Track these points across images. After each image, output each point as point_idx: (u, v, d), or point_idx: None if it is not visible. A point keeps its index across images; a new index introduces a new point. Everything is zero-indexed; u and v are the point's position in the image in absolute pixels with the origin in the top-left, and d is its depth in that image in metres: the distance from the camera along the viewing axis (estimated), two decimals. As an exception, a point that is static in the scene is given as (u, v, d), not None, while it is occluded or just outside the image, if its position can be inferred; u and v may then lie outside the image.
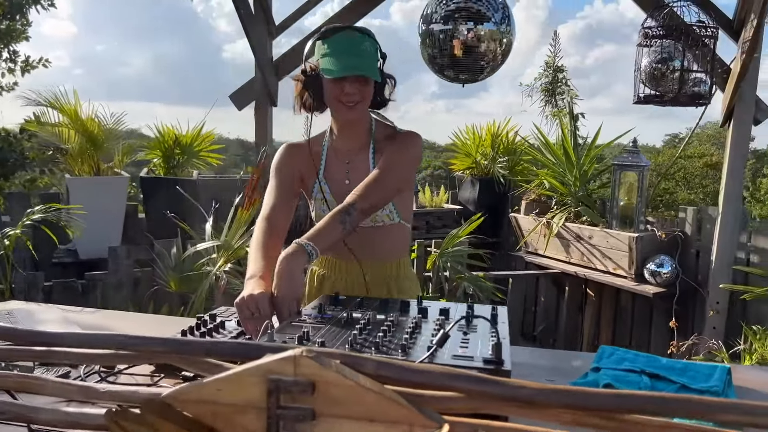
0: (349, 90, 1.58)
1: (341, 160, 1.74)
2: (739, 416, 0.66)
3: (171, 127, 4.06)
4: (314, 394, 0.75)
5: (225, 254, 2.61)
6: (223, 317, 1.55)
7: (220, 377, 0.79)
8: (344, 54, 1.56)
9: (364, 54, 1.58)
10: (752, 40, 2.73)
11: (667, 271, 3.31)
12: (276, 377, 0.75)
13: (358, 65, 1.56)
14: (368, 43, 1.60)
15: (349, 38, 1.58)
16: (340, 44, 1.58)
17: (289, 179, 1.73)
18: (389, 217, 1.77)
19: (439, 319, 1.37)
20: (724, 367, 1.31)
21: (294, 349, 0.79)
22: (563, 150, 3.99)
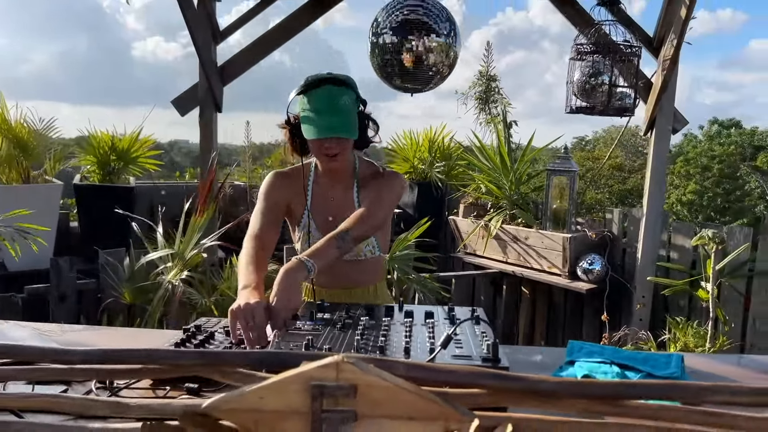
0: (329, 146, 1.71)
1: (326, 196, 1.86)
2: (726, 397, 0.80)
3: (106, 131, 3.93)
4: (356, 397, 0.82)
5: (179, 263, 2.58)
6: (208, 328, 1.57)
7: (262, 386, 0.84)
8: (323, 114, 1.65)
9: (342, 111, 1.67)
10: (672, 58, 3.02)
11: (598, 269, 3.57)
12: (319, 383, 0.82)
13: (337, 126, 1.67)
14: (346, 97, 1.68)
15: (329, 95, 1.66)
16: (319, 102, 1.66)
17: (277, 206, 1.83)
18: (371, 252, 1.91)
19: (428, 321, 1.46)
20: (678, 356, 1.48)
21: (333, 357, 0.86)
22: (499, 155, 4.20)
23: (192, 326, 1.54)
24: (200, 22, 3.39)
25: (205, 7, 3.43)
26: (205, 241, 2.65)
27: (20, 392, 1.05)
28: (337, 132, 1.66)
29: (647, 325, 3.42)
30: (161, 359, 0.96)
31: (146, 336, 1.73)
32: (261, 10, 3.68)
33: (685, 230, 3.51)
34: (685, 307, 3.49)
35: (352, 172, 1.87)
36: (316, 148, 1.73)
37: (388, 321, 1.47)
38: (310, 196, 1.85)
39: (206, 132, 3.61)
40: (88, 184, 3.93)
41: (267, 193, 1.83)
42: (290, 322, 1.44)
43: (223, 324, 1.60)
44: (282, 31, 3.63)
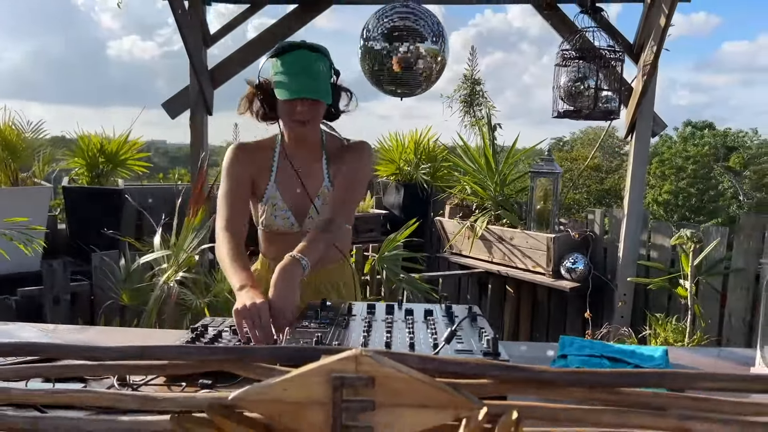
0: (301, 109, 1.67)
1: (294, 167, 1.81)
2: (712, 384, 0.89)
3: (95, 133, 3.94)
4: (374, 387, 0.90)
5: (175, 263, 2.62)
6: (215, 327, 1.62)
7: (285, 378, 0.91)
8: (297, 75, 1.64)
9: (316, 75, 1.66)
10: (651, 64, 3.13)
11: (581, 268, 3.68)
12: (339, 375, 0.89)
13: (311, 88, 1.65)
14: (321, 63, 1.68)
15: (303, 58, 1.66)
16: (294, 64, 1.65)
17: (242, 182, 1.77)
18: None
19: (428, 319, 1.54)
20: (663, 349, 1.58)
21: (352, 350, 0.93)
22: (484, 157, 4.30)
23: (200, 326, 1.60)
24: (191, 26, 3.43)
25: (195, 11, 3.47)
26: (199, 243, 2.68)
27: (49, 388, 1.10)
28: (311, 93, 1.64)
29: (628, 322, 3.54)
30: (193, 355, 1.02)
31: (154, 336, 1.78)
32: (250, 15, 3.73)
33: (664, 229, 3.63)
34: (665, 303, 3.62)
35: (319, 144, 1.84)
36: (287, 112, 1.69)
37: (391, 318, 1.54)
38: (275, 168, 1.80)
39: (197, 134, 3.64)
40: (77, 186, 3.94)
41: (230, 169, 1.77)
42: (293, 320, 1.50)
43: (229, 323, 1.66)
44: (271, 36, 3.68)
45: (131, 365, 1.06)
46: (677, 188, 26.98)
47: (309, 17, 3.66)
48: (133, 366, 1.08)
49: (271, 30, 3.68)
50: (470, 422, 0.88)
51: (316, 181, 1.84)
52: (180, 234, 2.77)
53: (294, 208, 1.82)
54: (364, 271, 3.70)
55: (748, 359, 1.61)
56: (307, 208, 1.83)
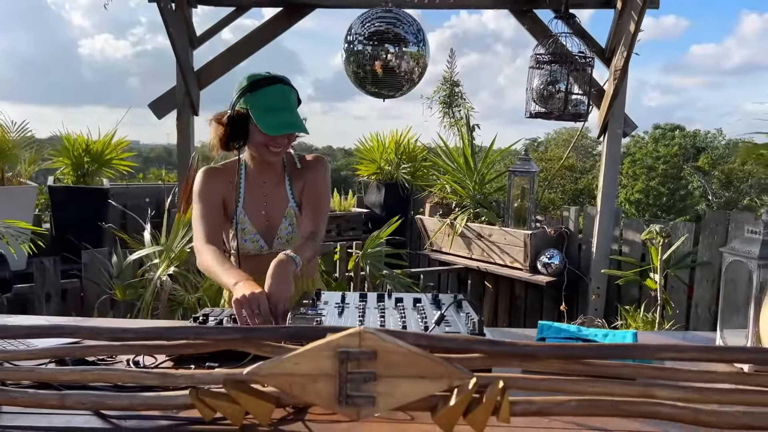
0: (280, 141, 1.79)
1: (259, 191, 1.92)
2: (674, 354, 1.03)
3: (81, 133, 3.97)
4: (376, 361, 1.02)
5: (167, 258, 2.70)
6: (216, 316, 1.71)
7: (296, 353, 1.03)
8: (281, 111, 1.74)
9: (294, 109, 1.78)
10: (622, 68, 3.30)
11: (557, 263, 3.84)
12: (344, 350, 1.01)
13: (294, 123, 1.76)
14: (293, 95, 1.80)
15: (280, 93, 1.76)
16: (273, 99, 1.75)
17: (215, 205, 1.86)
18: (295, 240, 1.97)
19: (417, 305, 1.65)
20: (633, 333, 1.72)
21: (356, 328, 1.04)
22: (463, 157, 4.44)
23: (201, 315, 1.69)
24: (179, 27, 3.50)
25: (181, 12, 3.54)
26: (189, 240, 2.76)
27: (75, 367, 1.19)
28: (297, 128, 1.76)
29: (602, 314, 3.70)
30: (207, 335, 1.12)
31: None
32: (235, 18, 3.80)
33: (635, 226, 3.81)
34: (636, 296, 3.80)
35: (281, 166, 1.95)
36: (264, 143, 1.77)
37: (382, 306, 1.65)
38: (242, 192, 1.89)
39: (183, 134, 3.71)
40: (63, 185, 3.97)
41: (202, 192, 1.84)
42: (288, 309, 1.60)
43: (228, 312, 1.76)
44: (256, 38, 3.76)
45: (155, 345, 1.16)
46: (648, 187, 27.56)
47: (293, 20, 3.75)
48: (157, 346, 1.18)
49: (256, 33, 3.76)
50: (461, 391, 1.00)
51: (282, 203, 1.95)
52: (171, 231, 2.84)
53: (262, 230, 1.92)
54: (348, 267, 3.81)
55: (709, 340, 1.76)
56: (274, 230, 1.94)
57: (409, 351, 1.04)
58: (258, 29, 3.76)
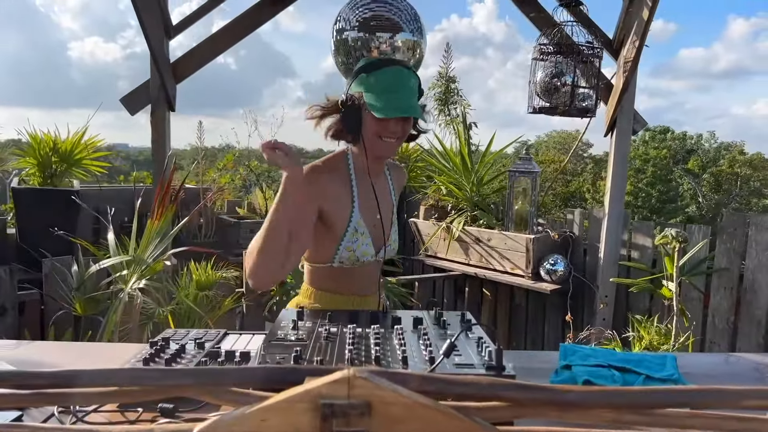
0: (394, 128, 1.56)
1: (370, 191, 1.67)
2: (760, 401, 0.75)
3: (48, 132, 3.67)
4: (370, 416, 0.73)
5: (138, 270, 2.41)
6: (177, 340, 1.44)
7: (264, 406, 0.74)
8: (393, 92, 1.53)
9: (411, 93, 1.56)
10: (633, 59, 3.05)
11: (561, 269, 3.58)
12: (329, 401, 0.72)
13: (408, 107, 1.53)
14: (414, 81, 1.58)
15: (398, 75, 1.55)
16: (388, 81, 1.54)
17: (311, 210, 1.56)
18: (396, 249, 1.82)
19: (419, 328, 1.38)
20: (672, 357, 1.46)
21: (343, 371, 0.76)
22: (460, 157, 4.18)
23: (159, 339, 1.42)
24: (152, 15, 3.21)
25: (157, 0, 3.26)
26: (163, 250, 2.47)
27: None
28: (414, 111, 1.53)
29: (610, 324, 3.45)
30: (145, 380, 0.84)
31: (108, 351, 1.58)
32: (215, 5, 3.53)
33: (645, 230, 3.56)
34: (646, 305, 3.55)
35: (385, 166, 1.78)
36: (378, 131, 1.55)
37: (377, 329, 1.38)
38: (356, 192, 1.64)
39: (158, 131, 3.42)
40: (27, 187, 3.66)
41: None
42: None
43: (193, 335, 1.49)
44: (238, 28, 3.49)
45: (68, 393, 0.88)
46: (637, 189, 27.56)
47: (278, 8, 3.48)
48: (80, 394, 0.89)
49: (238, 21, 3.48)
50: (484, 454, 0.73)
51: (389, 207, 1.75)
52: (141, 238, 2.55)
53: (373, 237, 1.67)
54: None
55: (759, 365, 1.51)
56: (384, 237, 1.71)
57: (413, 401, 0.75)
58: (240, 17, 3.48)
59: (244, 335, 1.55)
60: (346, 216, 1.62)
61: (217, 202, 4.64)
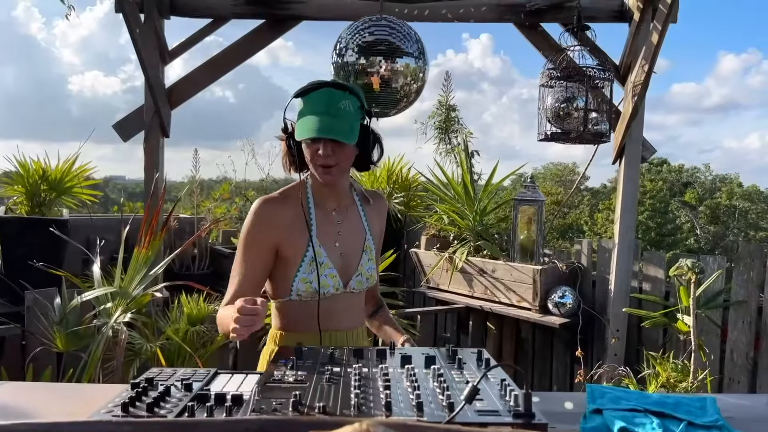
0: (323, 153, 1.46)
1: (331, 219, 1.59)
2: None
3: (37, 159, 3.54)
4: (388, 482, 0.60)
5: (123, 302, 2.25)
6: (162, 381, 1.29)
7: None
8: (319, 114, 1.44)
9: (341, 114, 1.45)
10: (642, 84, 2.96)
11: (570, 302, 3.43)
12: None
13: (331, 127, 1.43)
14: (348, 102, 1.47)
15: (327, 96, 1.46)
16: (316, 103, 1.46)
17: (267, 251, 1.53)
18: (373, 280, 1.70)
19: (432, 368, 1.23)
20: (712, 399, 1.31)
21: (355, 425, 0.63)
22: (463, 186, 4.06)
23: (142, 380, 1.27)
24: (148, 39, 3.12)
25: (153, 23, 3.17)
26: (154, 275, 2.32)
27: None
28: (331, 133, 1.43)
29: (622, 360, 3.28)
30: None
31: (87, 393, 1.42)
32: (212, 30, 3.45)
33: (657, 260, 3.42)
34: (659, 339, 3.39)
35: (350, 192, 1.67)
36: (311, 155, 1.50)
37: (385, 368, 1.23)
38: (314, 220, 1.56)
39: (151, 158, 3.30)
40: (14, 216, 3.52)
41: (254, 233, 1.53)
42: None
43: (180, 375, 1.33)
44: (235, 53, 3.40)
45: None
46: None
47: (276, 34, 3.40)
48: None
49: (235, 47, 3.40)
50: None
51: (358, 235, 1.64)
52: (128, 269, 2.41)
53: (338, 267, 1.57)
54: (337, 308, 3.37)
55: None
56: (352, 266, 1.60)
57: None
58: (237, 43, 3.39)
59: (236, 375, 1.39)
60: (303, 246, 1.53)
61: (213, 232, 4.50)
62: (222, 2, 3.37)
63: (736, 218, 29.83)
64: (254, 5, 3.35)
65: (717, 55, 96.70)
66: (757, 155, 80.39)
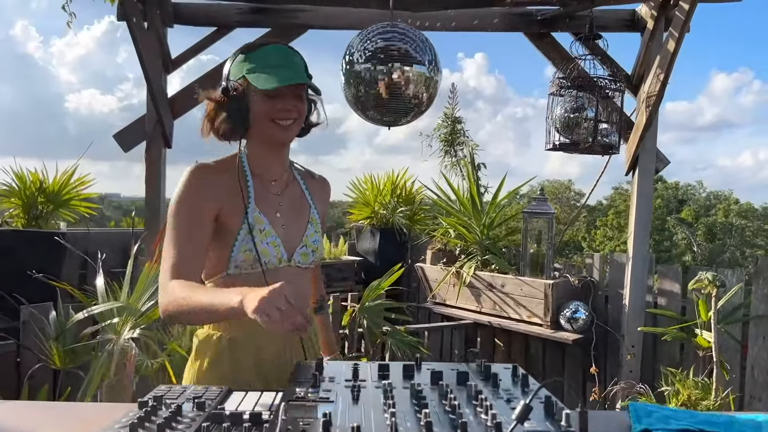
0: (285, 106, 1.39)
1: (270, 190, 1.49)
2: None
3: (35, 171, 3.45)
4: None
5: (130, 319, 2.14)
6: (172, 400, 1.19)
7: None
8: (278, 67, 1.37)
9: (298, 67, 1.41)
10: (657, 94, 2.90)
11: (583, 317, 3.34)
12: None
13: (297, 76, 1.39)
14: (299, 59, 1.43)
15: (280, 50, 1.41)
16: (272, 57, 1.39)
17: (202, 217, 1.38)
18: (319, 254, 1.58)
19: (468, 384, 1.13)
20: (767, 419, 1.22)
21: None
22: (470, 198, 3.98)
23: (150, 398, 1.16)
24: (150, 48, 3.05)
25: (156, 32, 3.10)
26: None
27: None
28: (301, 78, 1.38)
29: (638, 377, 3.18)
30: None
31: (86, 413, 1.31)
32: (216, 39, 3.38)
33: (673, 274, 3.34)
34: (676, 355, 3.29)
35: (290, 166, 1.57)
36: (269, 112, 1.39)
37: (415, 385, 1.13)
38: (252, 189, 1.45)
39: (153, 168, 3.21)
40: (10, 229, 3.42)
41: (186, 200, 1.38)
42: None
43: (190, 393, 1.23)
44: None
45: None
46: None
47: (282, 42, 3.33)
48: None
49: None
50: None
51: (301, 206, 1.54)
52: (137, 282, 2.30)
53: (282, 236, 1.47)
54: (342, 323, 3.27)
55: None
56: (297, 237, 1.50)
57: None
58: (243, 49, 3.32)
59: (251, 393, 1.29)
60: (240, 213, 1.41)
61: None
62: (226, 11, 3.31)
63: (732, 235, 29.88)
64: (259, 14, 3.29)
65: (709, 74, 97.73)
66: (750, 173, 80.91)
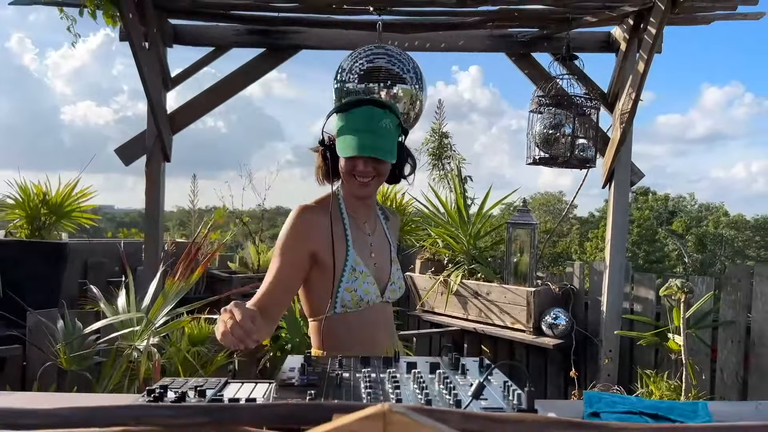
0: (363, 169, 1.53)
1: (363, 230, 1.65)
2: None
3: (38, 184, 3.59)
4: (410, 458, 0.65)
5: (149, 330, 2.29)
6: (176, 388, 1.34)
7: None
8: (361, 132, 1.50)
9: (381, 132, 1.51)
10: (630, 111, 3.09)
11: (563, 323, 3.49)
12: None
13: (373, 146, 1.50)
14: (388, 120, 1.53)
15: (369, 114, 1.52)
16: (357, 121, 1.52)
17: (303, 257, 1.53)
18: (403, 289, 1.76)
19: (437, 372, 1.29)
20: (704, 404, 1.37)
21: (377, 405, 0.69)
22: (457, 210, 4.15)
23: (157, 386, 1.31)
24: (151, 66, 3.22)
25: (157, 51, 3.27)
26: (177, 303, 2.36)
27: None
28: (375, 152, 1.49)
29: (615, 380, 3.34)
30: (155, 418, 0.75)
31: (95, 401, 1.46)
32: (213, 58, 3.55)
33: (648, 282, 3.51)
34: (651, 359, 3.45)
35: (375, 206, 1.75)
36: (349, 170, 1.55)
37: (393, 372, 1.29)
38: (349, 231, 1.60)
39: (153, 181, 3.36)
40: (14, 239, 3.55)
41: (293, 240, 1.52)
42: None
43: (192, 383, 1.38)
44: (237, 80, 3.50)
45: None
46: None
47: (276, 62, 3.51)
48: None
49: (236, 74, 3.50)
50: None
51: (385, 246, 1.71)
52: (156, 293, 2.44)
53: (374, 274, 1.62)
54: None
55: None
56: (385, 276, 1.66)
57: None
58: (238, 71, 3.50)
59: (246, 384, 1.45)
60: (343, 255, 1.56)
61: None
62: (224, 32, 3.49)
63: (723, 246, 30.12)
64: (255, 35, 3.46)
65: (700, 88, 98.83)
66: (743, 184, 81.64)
